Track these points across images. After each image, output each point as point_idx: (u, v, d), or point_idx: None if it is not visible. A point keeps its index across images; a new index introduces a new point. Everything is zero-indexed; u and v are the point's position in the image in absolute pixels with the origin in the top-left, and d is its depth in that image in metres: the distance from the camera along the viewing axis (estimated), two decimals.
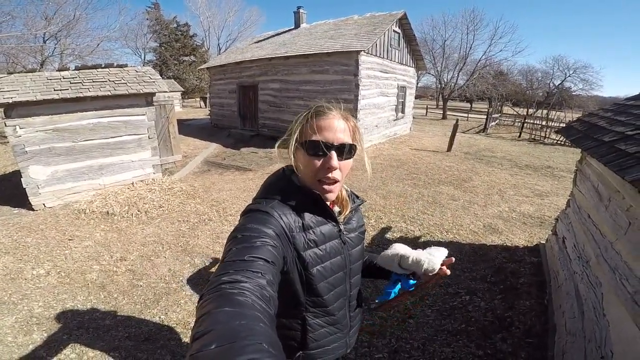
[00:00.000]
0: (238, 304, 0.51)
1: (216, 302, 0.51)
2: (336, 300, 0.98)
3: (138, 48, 34.61)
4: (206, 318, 0.47)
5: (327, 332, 0.99)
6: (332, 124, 0.84)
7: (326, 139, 0.83)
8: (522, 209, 5.46)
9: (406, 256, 0.98)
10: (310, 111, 0.87)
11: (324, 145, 0.82)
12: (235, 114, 13.36)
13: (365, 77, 9.65)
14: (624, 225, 1.91)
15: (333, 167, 0.83)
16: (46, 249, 3.95)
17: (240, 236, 0.73)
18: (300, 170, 0.88)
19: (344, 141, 0.85)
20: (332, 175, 0.84)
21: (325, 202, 0.90)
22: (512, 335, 2.62)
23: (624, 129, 2.22)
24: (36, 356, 2.40)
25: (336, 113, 0.87)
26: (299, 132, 0.87)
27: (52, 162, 5.26)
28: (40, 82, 5.20)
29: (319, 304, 0.94)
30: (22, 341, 2.53)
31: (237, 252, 0.67)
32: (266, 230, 0.76)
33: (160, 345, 2.56)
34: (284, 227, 0.81)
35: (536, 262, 3.72)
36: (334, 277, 0.95)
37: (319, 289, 0.91)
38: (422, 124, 18.61)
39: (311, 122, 0.85)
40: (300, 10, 13.93)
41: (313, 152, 0.83)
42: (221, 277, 0.59)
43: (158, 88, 6.16)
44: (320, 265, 0.90)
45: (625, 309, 1.62)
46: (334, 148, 0.83)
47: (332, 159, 0.82)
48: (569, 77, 28.90)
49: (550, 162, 9.26)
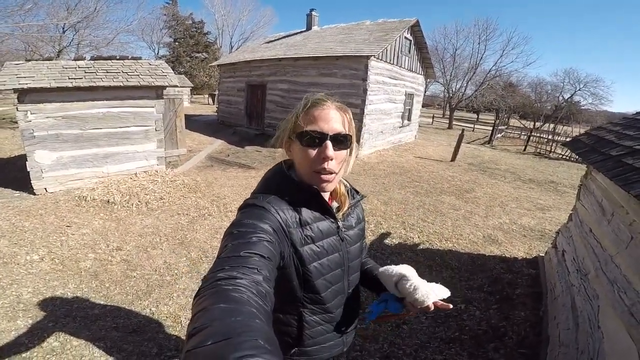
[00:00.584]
0: (234, 300, 0.51)
1: (212, 299, 0.51)
2: (334, 297, 0.97)
3: (153, 42, 35.20)
4: (202, 314, 0.47)
5: (323, 329, 0.97)
6: (327, 114, 0.84)
7: (321, 128, 0.82)
8: (523, 221, 5.41)
9: (407, 278, 0.92)
10: (304, 102, 0.87)
11: (319, 135, 0.82)
12: (242, 112, 13.42)
13: (373, 83, 9.65)
14: (626, 239, 1.90)
15: (328, 156, 0.82)
16: (43, 234, 3.95)
17: (236, 232, 0.73)
18: (296, 163, 0.88)
19: (339, 130, 0.84)
20: (328, 166, 0.83)
21: (322, 198, 0.89)
22: (505, 345, 2.59)
23: (632, 143, 2.20)
24: (17, 342, 2.32)
25: (330, 103, 0.86)
26: (293, 124, 0.86)
27: (59, 148, 5.31)
28: (56, 70, 5.28)
29: (316, 301, 0.93)
30: (4, 327, 2.46)
31: (233, 247, 0.67)
32: (262, 226, 0.75)
33: (147, 337, 2.53)
34: (281, 222, 0.81)
35: (534, 274, 3.68)
36: (332, 274, 0.94)
37: (316, 286, 0.90)
38: (427, 133, 18.58)
39: (306, 113, 0.84)
40: (313, 12, 14.01)
41: (308, 142, 0.83)
42: (217, 273, 0.59)
43: (169, 82, 6.21)
44: (317, 262, 0.89)
45: (621, 321, 1.62)
46: (328, 138, 0.82)
47: (327, 148, 0.82)
48: (579, 91, 28.68)
49: (554, 177, 9.20)
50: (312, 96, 0.87)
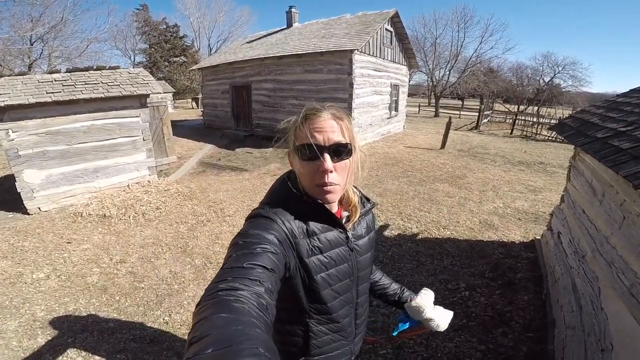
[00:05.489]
0: (235, 310, 0.52)
1: (213, 309, 0.52)
2: (341, 307, 0.96)
3: (127, 49, 34.30)
4: (203, 323, 0.48)
5: (330, 339, 0.97)
6: (323, 125, 0.81)
7: (317, 141, 0.79)
8: (517, 204, 5.56)
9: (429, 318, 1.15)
10: (302, 113, 0.84)
11: (316, 148, 0.79)
12: (229, 114, 13.29)
13: (359, 76, 9.69)
14: (619, 219, 1.97)
15: (327, 169, 0.79)
16: (44, 252, 3.91)
17: (241, 242, 0.73)
18: (298, 176, 0.87)
19: (336, 140, 0.81)
20: (329, 180, 0.80)
21: (327, 209, 0.87)
22: (512, 330, 2.68)
23: (617, 126, 2.28)
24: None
25: (326, 113, 0.83)
26: (293, 137, 0.84)
27: (46, 166, 5.19)
28: (32, 84, 5.12)
29: (323, 311, 0.92)
30: (27, 345, 2.53)
31: (236, 258, 0.67)
32: (268, 237, 0.75)
33: (165, 346, 2.57)
34: (287, 233, 0.80)
35: (532, 257, 3.80)
36: (339, 284, 0.93)
37: (323, 296, 0.89)
38: (415, 122, 18.72)
39: (302, 126, 0.82)
40: (292, 9, 13.88)
41: (305, 156, 0.80)
42: (219, 284, 0.59)
43: (152, 89, 6.11)
44: (324, 272, 0.88)
45: (622, 302, 1.66)
46: (326, 150, 0.79)
47: (325, 162, 0.79)
48: (558, 74, 29.49)
49: (542, 158, 9.42)
50: (309, 106, 0.85)
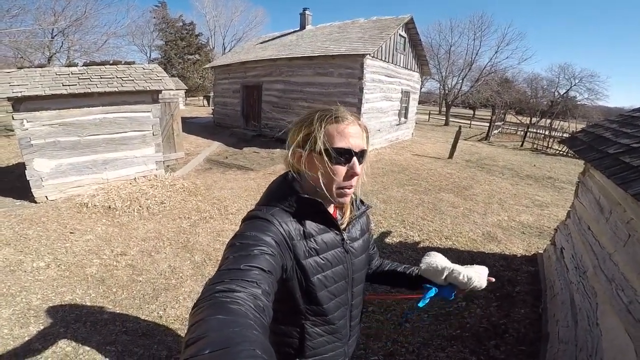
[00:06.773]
0: (232, 312, 0.52)
1: (210, 310, 0.52)
2: (337, 309, 0.97)
3: (144, 46, 35.00)
4: (199, 325, 0.48)
5: (325, 340, 0.98)
6: (352, 130, 0.83)
7: (349, 145, 0.82)
8: (522, 218, 5.47)
9: (457, 272, 1.01)
10: (324, 115, 0.83)
11: (349, 152, 0.82)
12: (239, 113, 13.41)
13: (369, 81, 9.68)
14: (624, 237, 1.93)
15: (357, 173, 0.83)
16: (47, 241, 3.97)
17: (238, 244, 0.73)
18: (318, 178, 0.83)
19: (362, 147, 0.85)
20: (353, 182, 0.84)
21: (327, 210, 0.88)
22: (505, 343, 2.64)
23: (629, 141, 2.22)
24: (31, 349, 2.39)
25: (353, 118, 0.86)
26: (313, 138, 0.82)
27: (57, 156, 5.30)
28: (49, 77, 5.24)
29: (319, 313, 0.93)
30: (17, 333, 2.53)
31: (233, 260, 0.68)
32: (265, 238, 0.75)
33: (157, 340, 2.58)
34: (284, 234, 0.81)
35: (533, 271, 3.74)
36: (335, 286, 0.94)
37: (319, 298, 0.90)
38: (424, 130, 18.64)
39: (329, 128, 0.82)
40: (306, 12, 13.99)
41: (338, 160, 0.81)
42: (215, 285, 0.60)
43: (164, 86, 6.20)
44: (321, 274, 0.89)
45: (618, 319, 1.64)
46: (355, 154, 0.83)
47: (356, 165, 0.83)
48: (575, 86, 28.81)
49: (551, 172, 9.27)
50: (335, 111, 0.85)
